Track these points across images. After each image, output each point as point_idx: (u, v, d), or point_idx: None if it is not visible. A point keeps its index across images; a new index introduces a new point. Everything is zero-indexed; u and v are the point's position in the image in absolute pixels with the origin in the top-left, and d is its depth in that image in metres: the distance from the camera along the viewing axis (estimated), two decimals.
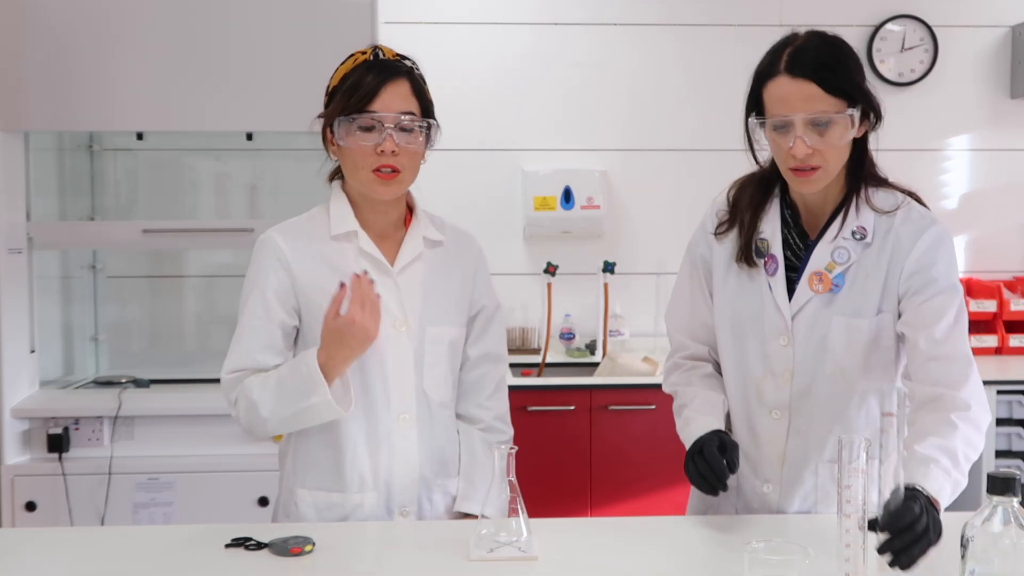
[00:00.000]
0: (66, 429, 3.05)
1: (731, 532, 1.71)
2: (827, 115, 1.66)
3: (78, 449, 3.07)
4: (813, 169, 1.69)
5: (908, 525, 1.40)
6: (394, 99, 1.76)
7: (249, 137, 3.30)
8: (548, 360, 3.73)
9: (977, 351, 3.88)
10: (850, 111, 1.67)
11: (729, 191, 1.88)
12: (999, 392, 3.43)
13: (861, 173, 1.77)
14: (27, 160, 3.17)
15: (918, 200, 1.81)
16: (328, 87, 1.83)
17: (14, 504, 3.01)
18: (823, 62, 1.67)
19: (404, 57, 1.84)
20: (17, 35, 3.01)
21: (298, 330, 1.86)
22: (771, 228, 1.81)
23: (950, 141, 4.17)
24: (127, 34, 3.03)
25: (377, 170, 1.77)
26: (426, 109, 1.82)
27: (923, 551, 1.41)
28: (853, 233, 1.75)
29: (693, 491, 1.94)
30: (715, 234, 1.86)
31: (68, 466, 3.02)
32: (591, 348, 3.84)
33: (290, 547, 1.60)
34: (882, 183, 1.80)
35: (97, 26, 3.02)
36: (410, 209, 1.93)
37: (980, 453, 1.67)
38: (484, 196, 4.02)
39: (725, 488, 1.66)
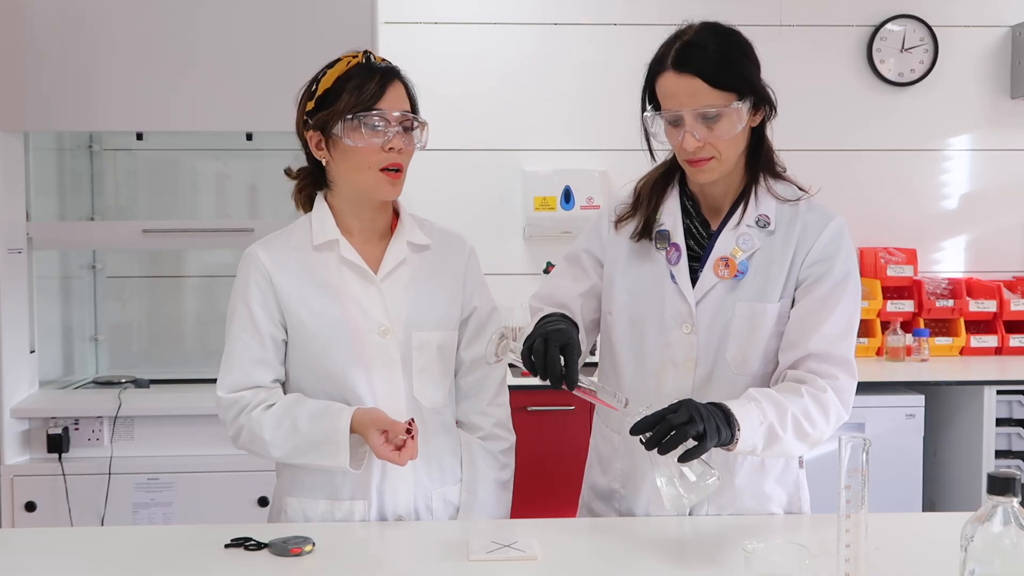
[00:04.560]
0: (66, 429, 3.05)
1: (731, 532, 1.70)
2: (714, 109, 1.69)
3: (78, 449, 3.07)
4: (707, 159, 1.73)
5: (661, 418, 1.50)
6: (396, 99, 1.77)
7: (249, 137, 3.30)
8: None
9: (977, 351, 3.94)
10: (737, 104, 1.69)
11: (637, 185, 1.91)
12: (999, 392, 3.43)
13: (759, 162, 1.80)
14: (27, 160, 3.17)
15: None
16: (312, 91, 1.80)
17: (14, 504, 3.01)
18: (708, 57, 1.69)
19: (388, 62, 1.85)
20: (17, 35, 3.01)
21: (287, 343, 1.84)
22: (672, 218, 1.83)
23: (950, 141, 4.18)
24: (127, 34, 3.03)
25: (385, 169, 1.76)
26: (416, 111, 1.83)
27: (680, 439, 1.49)
28: (757, 221, 1.78)
29: (582, 497, 1.97)
30: (616, 223, 1.88)
31: (68, 466, 3.02)
32: (591, 348, 3.84)
33: (290, 547, 1.60)
34: (779, 176, 1.84)
35: (97, 26, 3.02)
36: (396, 213, 1.90)
37: (819, 434, 1.68)
38: (484, 196, 4.02)
39: (559, 385, 1.60)
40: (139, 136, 3.29)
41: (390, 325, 1.81)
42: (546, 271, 3.82)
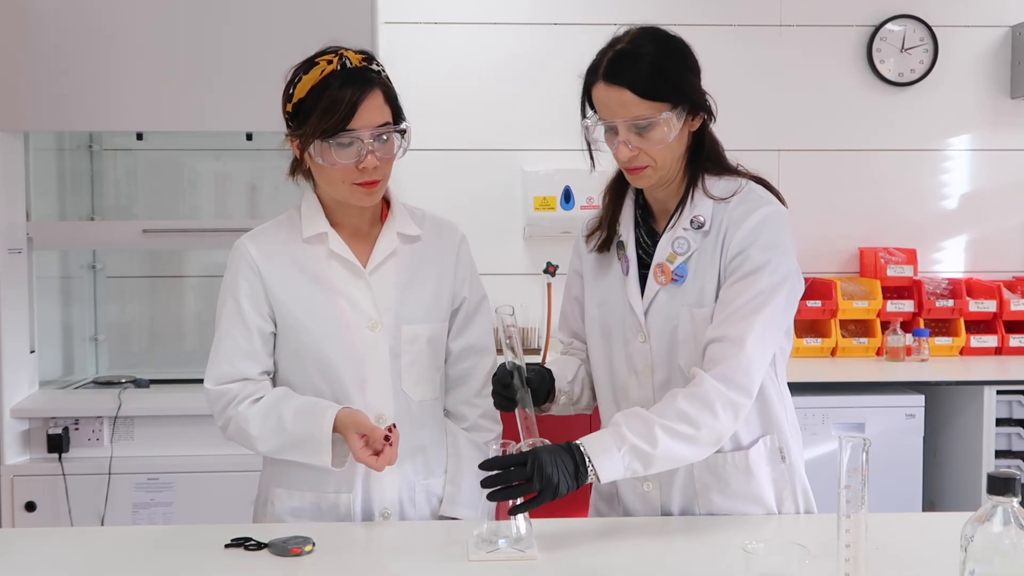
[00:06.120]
0: (66, 429, 3.05)
1: (730, 532, 1.70)
2: (645, 119, 1.68)
3: (78, 449, 3.07)
4: (642, 167, 1.73)
5: (503, 467, 1.55)
6: (371, 113, 1.72)
7: (249, 137, 3.30)
8: (548, 360, 3.73)
9: (977, 351, 3.94)
10: (667, 114, 1.69)
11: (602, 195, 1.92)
12: (999, 392, 3.42)
13: (699, 165, 1.79)
14: (27, 160, 3.17)
15: (766, 185, 1.81)
16: (290, 94, 1.76)
17: (14, 504, 3.01)
18: (639, 68, 1.68)
19: (368, 58, 1.78)
20: (17, 35, 3.01)
21: (275, 336, 1.84)
22: (626, 229, 1.84)
23: (950, 141, 4.18)
24: (127, 34, 3.03)
25: (358, 183, 1.74)
26: (397, 113, 1.78)
27: (512, 495, 1.54)
28: (691, 222, 1.77)
29: (592, 499, 1.98)
30: (586, 238, 1.89)
31: (68, 466, 3.02)
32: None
33: (290, 547, 1.60)
34: (727, 171, 1.81)
35: (97, 26, 3.02)
36: (387, 203, 1.89)
37: (711, 430, 1.63)
38: (484, 196, 4.02)
39: (512, 403, 1.72)
40: (139, 136, 3.29)
41: (379, 318, 1.82)
42: (546, 271, 3.82)
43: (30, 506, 3.02)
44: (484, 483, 1.56)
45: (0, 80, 3.01)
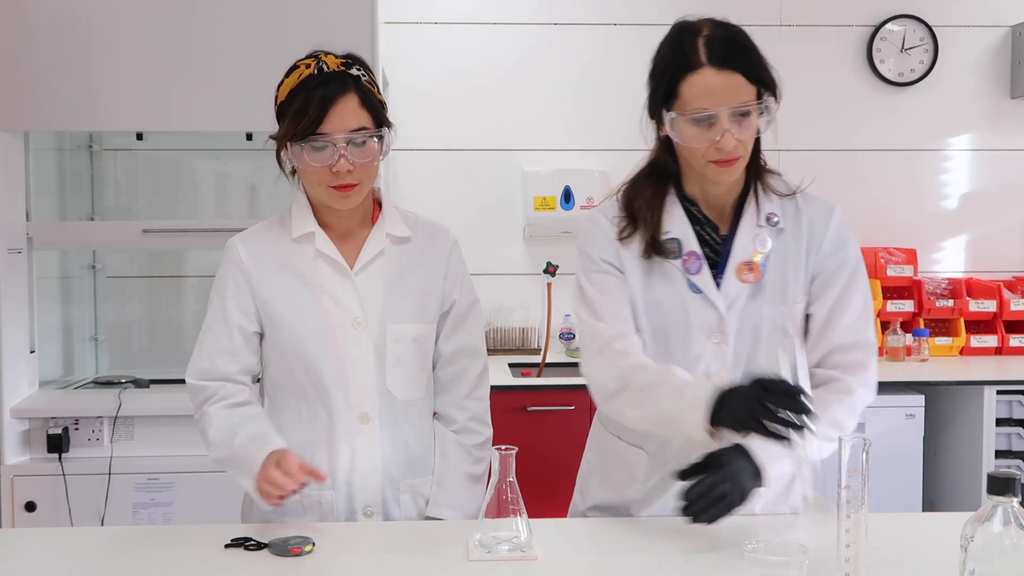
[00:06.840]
0: (66, 429, 3.04)
1: (730, 532, 1.70)
2: (750, 105, 1.66)
3: (78, 449, 3.07)
4: (737, 158, 1.69)
5: (704, 473, 1.53)
6: (344, 117, 1.72)
7: (249, 137, 3.30)
8: (548, 360, 3.73)
9: (977, 351, 3.94)
10: (769, 98, 1.68)
11: (618, 193, 1.83)
12: (999, 392, 3.43)
13: (759, 159, 1.78)
14: (27, 160, 3.17)
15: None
16: (276, 99, 1.81)
17: (14, 504, 3.01)
18: (742, 52, 1.67)
19: (349, 62, 1.78)
20: (17, 35, 3.01)
21: (261, 336, 1.86)
22: (679, 226, 1.76)
23: (950, 141, 4.18)
24: (127, 34, 3.03)
25: (334, 186, 1.76)
26: (377, 116, 1.77)
27: (718, 509, 1.52)
28: (767, 219, 1.76)
29: (575, 507, 1.95)
30: (621, 239, 1.78)
31: (68, 466, 3.02)
32: None
33: (290, 547, 1.60)
34: (771, 170, 1.82)
35: (96, 26, 3.02)
36: (379, 204, 1.91)
37: (847, 432, 1.68)
38: (484, 196, 4.02)
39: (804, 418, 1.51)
40: (139, 136, 3.29)
41: (364, 317, 1.83)
42: (546, 271, 3.82)
43: (30, 506, 3.02)
44: (686, 511, 1.52)
45: (0, 80, 3.01)
